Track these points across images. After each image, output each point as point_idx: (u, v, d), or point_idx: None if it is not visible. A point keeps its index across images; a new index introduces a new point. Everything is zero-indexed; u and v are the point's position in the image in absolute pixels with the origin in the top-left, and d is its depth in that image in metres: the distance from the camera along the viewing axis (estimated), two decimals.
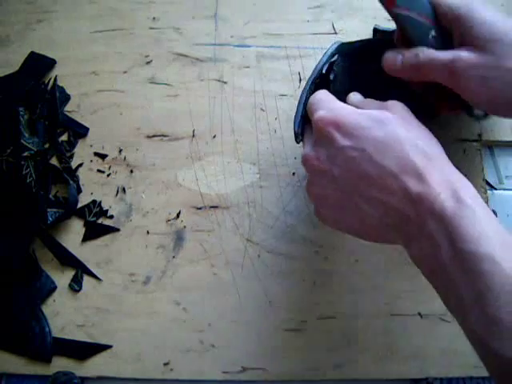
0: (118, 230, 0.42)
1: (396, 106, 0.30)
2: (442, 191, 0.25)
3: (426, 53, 0.32)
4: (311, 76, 0.37)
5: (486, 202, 0.44)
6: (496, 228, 0.24)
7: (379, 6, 0.35)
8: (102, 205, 0.43)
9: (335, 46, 0.37)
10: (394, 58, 0.33)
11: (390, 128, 0.28)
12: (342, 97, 0.34)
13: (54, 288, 0.40)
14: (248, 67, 0.49)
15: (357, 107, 0.31)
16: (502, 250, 0.23)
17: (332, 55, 0.36)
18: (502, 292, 0.22)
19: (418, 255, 0.27)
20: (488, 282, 0.22)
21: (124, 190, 0.44)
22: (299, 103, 0.36)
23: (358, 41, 0.40)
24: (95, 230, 0.42)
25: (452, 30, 0.32)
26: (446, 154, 0.29)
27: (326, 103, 0.31)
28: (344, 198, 0.29)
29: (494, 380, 0.23)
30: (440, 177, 0.26)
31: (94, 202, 0.43)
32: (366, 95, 0.34)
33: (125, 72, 0.48)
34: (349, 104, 0.32)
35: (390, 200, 0.27)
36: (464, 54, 0.30)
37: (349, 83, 0.37)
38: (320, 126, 0.30)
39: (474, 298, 0.23)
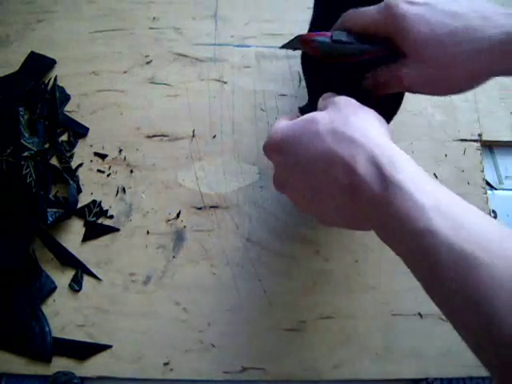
0: (118, 229, 0.42)
1: (336, 100, 0.31)
2: (368, 174, 0.26)
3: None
4: None
5: (486, 203, 0.44)
6: (426, 196, 0.24)
7: None
8: (102, 205, 0.43)
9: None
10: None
11: (313, 129, 0.29)
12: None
13: (54, 288, 0.40)
14: (248, 67, 0.49)
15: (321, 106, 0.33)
16: (438, 217, 0.23)
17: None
18: (448, 261, 0.22)
19: (382, 239, 0.27)
20: (434, 256, 0.22)
21: (124, 190, 0.44)
22: None
23: None
24: (95, 230, 0.42)
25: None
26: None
27: (269, 130, 0.33)
28: (307, 195, 0.31)
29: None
30: (365, 159, 0.26)
31: (94, 202, 0.43)
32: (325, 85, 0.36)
33: (125, 72, 0.48)
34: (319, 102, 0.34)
35: (336, 195, 0.28)
36: (406, 69, 0.32)
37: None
38: (268, 157, 0.33)
39: (426, 274, 0.24)
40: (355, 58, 0.33)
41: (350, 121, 0.28)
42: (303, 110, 0.37)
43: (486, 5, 0.31)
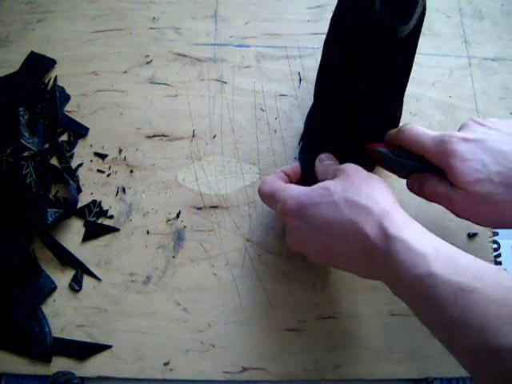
0: (117, 229, 0.42)
1: (345, 168, 0.34)
2: (377, 237, 0.30)
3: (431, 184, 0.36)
4: None
5: None
6: (426, 246, 0.28)
7: None
8: (102, 205, 0.43)
9: None
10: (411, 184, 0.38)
11: (330, 198, 0.32)
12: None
13: (54, 288, 0.40)
14: (248, 67, 0.49)
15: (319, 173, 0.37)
16: (437, 262, 0.27)
17: None
18: (448, 295, 0.26)
19: (393, 292, 0.31)
20: (434, 294, 0.26)
21: (124, 190, 0.44)
22: None
23: None
24: (95, 230, 0.42)
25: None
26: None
27: (279, 193, 0.35)
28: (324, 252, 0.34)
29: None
30: (375, 224, 0.30)
31: (94, 202, 0.43)
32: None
33: (125, 72, 0.48)
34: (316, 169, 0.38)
35: (351, 255, 0.32)
36: (456, 197, 0.34)
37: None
38: (283, 219, 0.36)
39: (428, 312, 0.28)
40: (410, 172, 0.37)
41: (362, 190, 0.32)
42: (303, 167, 0.40)
43: None
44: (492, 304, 0.24)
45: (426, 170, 0.36)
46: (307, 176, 0.39)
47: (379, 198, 0.31)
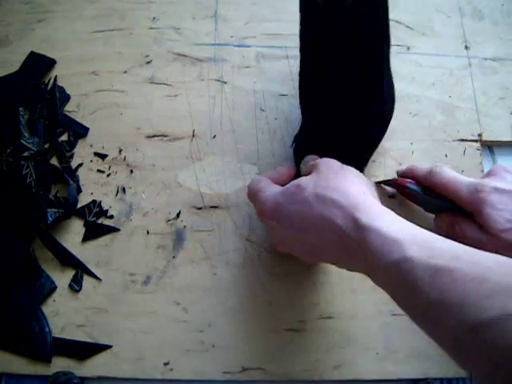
0: (117, 229, 0.42)
1: (317, 164, 0.35)
2: (349, 228, 0.30)
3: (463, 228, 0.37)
4: None
5: None
6: (401, 233, 0.28)
7: None
8: (102, 205, 0.43)
9: None
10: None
11: (301, 196, 0.33)
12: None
13: (54, 288, 0.40)
14: (248, 67, 0.49)
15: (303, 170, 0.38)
16: (413, 247, 0.26)
17: None
18: (425, 277, 0.25)
19: (374, 281, 0.30)
20: (412, 278, 0.26)
21: (124, 189, 0.44)
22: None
23: None
24: (95, 230, 0.42)
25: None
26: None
27: (259, 195, 0.36)
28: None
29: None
30: (346, 216, 0.30)
31: (93, 202, 0.43)
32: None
33: (125, 72, 0.48)
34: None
35: (330, 248, 0.32)
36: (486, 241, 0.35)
37: None
38: (262, 221, 0.37)
39: (407, 298, 0.27)
40: (439, 210, 0.39)
41: (330, 184, 0.32)
42: (296, 167, 0.40)
43: None
44: (471, 282, 0.23)
45: (455, 210, 0.37)
46: (300, 176, 0.39)
47: (349, 190, 0.31)
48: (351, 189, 0.32)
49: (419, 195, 0.39)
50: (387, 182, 0.43)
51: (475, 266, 0.24)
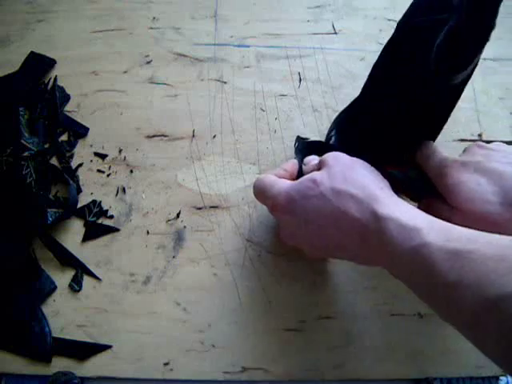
0: (117, 230, 0.42)
1: (326, 158, 0.35)
2: (368, 220, 0.30)
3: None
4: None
5: None
6: (420, 221, 0.28)
7: (379, 5, 0.35)
8: (102, 205, 0.43)
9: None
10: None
11: (317, 190, 0.32)
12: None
13: (54, 288, 0.40)
14: (248, 67, 0.49)
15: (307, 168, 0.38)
16: (431, 233, 0.27)
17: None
18: (443, 260, 0.26)
19: (392, 273, 0.31)
20: (430, 262, 0.26)
21: (124, 189, 0.44)
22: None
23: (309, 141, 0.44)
24: (95, 230, 0.42)
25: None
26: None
27: (269, 189, 0.36)
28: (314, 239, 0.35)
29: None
30: (364, 209, 0.30)
31: (93, 201, 0.43)
32: None
33: (125, 72, 0.48)
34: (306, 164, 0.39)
35: (348, 243, 0.32)
36: (454, 217, 0.34)
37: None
38: (274, 215, 0.37)
39: (425, 282, 0.27)
40: (421, 195, 0.38)
41: (346, 177, 0.32)
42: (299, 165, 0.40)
43: None
44: (488, 260, 0.24)
45: (434, 193, 0.36)
46: (302, 175, 0.39)
47: (365, 183, 0.32)
48: (367, 182, 0.32)
49: (400, 179, 0.38)
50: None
51: (492, 246, 0.25)
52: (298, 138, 0.44)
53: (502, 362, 0.24)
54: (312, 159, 0.38)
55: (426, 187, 0.37)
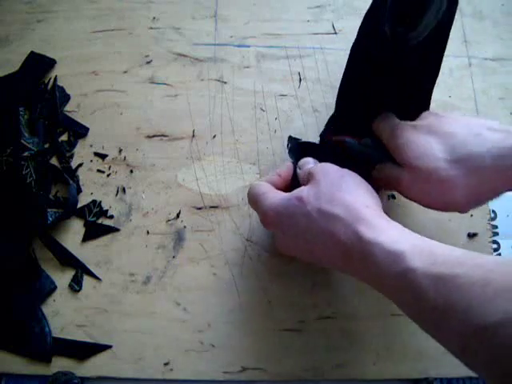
0: (117, 230, 0.42)
1: (315, 172, 0.35)
2: (354, 244, 0.30)
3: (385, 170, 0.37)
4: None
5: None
6: (403, 244, 0.28)
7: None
8: (102, 205, 0.43)
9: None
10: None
11: (304, 209, 0.32)
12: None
13: (54, 288, 0.40)
14: (248, 67, 0.49)
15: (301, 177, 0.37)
16: (415, 257, 0.27)
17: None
18: (429, 286, 0.26)
19: (379, 291, 0.31)
20: (416, 287, 0.26)
21: (124, 190, 0.44)
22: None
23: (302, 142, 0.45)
24: (95, 230, 0.42)
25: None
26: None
27: (260, 202, 0.36)
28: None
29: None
30: (349, 232, 0.30)
31: (93, 202, 0.43)
32: None
33: (125, 72, 0.48)
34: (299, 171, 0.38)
35: (335, 259, 0.32)
36: (403, 176, 0.35)
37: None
38: (266, 228, 0.37)
39: (412, 306, 0.27)
40: (373, 161, 0.38)
41: (332, 197, 0.32)
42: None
43: (480, 122, 0.34)
44: (474, 285, 0.24)
45: (387, 159, 0.37)
46: (295, 180, 0.39)
47: (351, 202, 0.31)
48: (353, 200, 0.32)
49: (354, 147, 0.39)
50: (324, 144, 0.43)
51: (477, 269, 0.24)
52: (290, 138, 0.44)
53: None
54: (306, 162, 0.38)
55: (380, 153, 0.37)
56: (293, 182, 0.38)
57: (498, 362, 0.22)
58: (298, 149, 0.42)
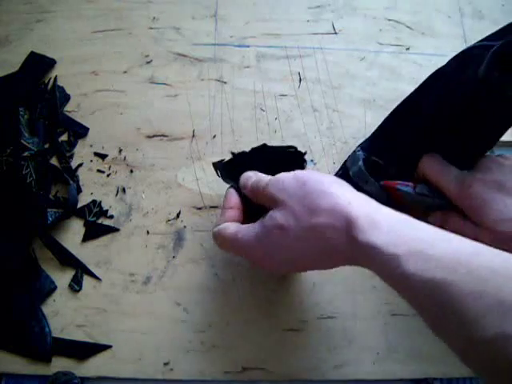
0: (117, 230, 0.42)
1: (276, 195, 0.32)
2: (347, 248, 0.29)
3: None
4: None
5: None
6: (398, 246, 0.27)
7: (379, 5, 0.35)
8: (102, 205, 0.43)
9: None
10: None
11: (287, 238, 0.31)
12: None
13: (54, 288, 0.40)
14: (248, 67, 0.49)
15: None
16: (410, 260, 0.26)
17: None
18: (425, 292, 0.26)
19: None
20: (413, 293, 0.27)
21: (124, 190, 0.44)
22: None
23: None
24: (95, 230, 0.42)
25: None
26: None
27: (237, 247, 0.34)
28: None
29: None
30: (340, 237, 0.29)
31: (93, 201, 0.43)
32: None
33: (125, 72, 0.48)
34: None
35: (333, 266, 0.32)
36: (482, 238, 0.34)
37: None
38: (255, 262, 0.35)
39: (414, 307, 0.28)
40: (431, 209, 0.37)
41: (311, 207, 0.30)
42: (236, 189, 0.38)
43: None
44: (467, 297, 0.24)
45: (447, 207, 0.36)
46: (245, 199, 0.37)
47: (331, 206, 0.30)
48: (333, 202, 0.30)
49: (410, 196, 0.37)
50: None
51: (472, 279, 0.24)
52: (214, 165, 0.40)
53: None
54: (246, 179, 0.36)
55: (438, 201, 0.36)
56: (247, 206, 0.36)
57: (494, 372, 0.23)
58: (227, 169, 0.39)
